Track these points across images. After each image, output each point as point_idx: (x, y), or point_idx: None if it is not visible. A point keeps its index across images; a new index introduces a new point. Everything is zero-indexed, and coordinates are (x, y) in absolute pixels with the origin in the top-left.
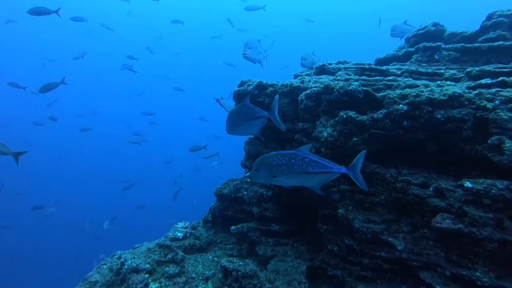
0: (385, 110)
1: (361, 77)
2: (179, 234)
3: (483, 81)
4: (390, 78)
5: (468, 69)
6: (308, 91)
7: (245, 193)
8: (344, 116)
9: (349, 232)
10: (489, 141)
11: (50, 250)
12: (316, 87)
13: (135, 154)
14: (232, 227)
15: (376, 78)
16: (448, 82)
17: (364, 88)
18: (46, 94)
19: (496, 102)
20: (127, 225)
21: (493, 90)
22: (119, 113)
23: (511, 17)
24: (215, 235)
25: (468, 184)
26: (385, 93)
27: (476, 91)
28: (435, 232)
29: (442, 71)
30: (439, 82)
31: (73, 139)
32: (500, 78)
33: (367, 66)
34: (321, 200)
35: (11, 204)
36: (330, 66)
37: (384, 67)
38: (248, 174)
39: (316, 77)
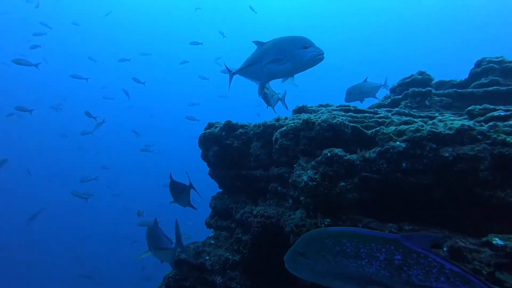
0: (379, 148)
1: (347, 113)
2: None
3: (495, 113)
4: (382, 115)
5: (469, 108)
6: (283, 128)
7: (207, 258)
8: (329, 154)
9: None
10: None
11: None
12: (294, 123)
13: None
14: None
15: (365, 115)
16: (451, 117)
17: (352, 124)
18: None
19: None
20: None
21: (511, 122)
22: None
23: (502, 63)
24: None
25: (498, 241)
26: (378, 128)
27: (491, 123)
28: None
29: (436, 114)
30: (440, 117)
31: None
32: None
33: (352, 108)
34: None
35: None
36: (311, 108)
37: (372, 109)
38: (212, 234)
39: (294, 115)
